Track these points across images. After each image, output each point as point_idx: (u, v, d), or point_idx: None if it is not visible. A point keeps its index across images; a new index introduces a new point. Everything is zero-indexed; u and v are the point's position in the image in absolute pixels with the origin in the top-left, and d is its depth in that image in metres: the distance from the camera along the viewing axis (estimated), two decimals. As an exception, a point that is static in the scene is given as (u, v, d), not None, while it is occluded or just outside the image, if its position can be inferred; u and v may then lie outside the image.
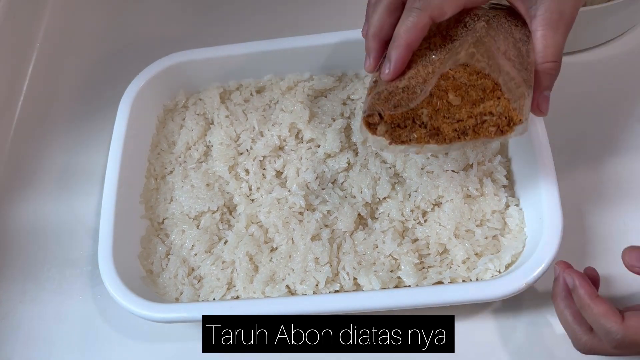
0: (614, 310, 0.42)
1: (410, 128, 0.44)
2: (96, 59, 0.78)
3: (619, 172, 0.58)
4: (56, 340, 0.58)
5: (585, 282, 0.44)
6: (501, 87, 0.42)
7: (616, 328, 0.41)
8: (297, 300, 0.51)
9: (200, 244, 0.57)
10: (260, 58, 0.63)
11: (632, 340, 0.41)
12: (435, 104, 0.44)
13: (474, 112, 0.43)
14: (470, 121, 0.43)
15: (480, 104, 0.43)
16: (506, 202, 0.53)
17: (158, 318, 0.51)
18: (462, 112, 0.43)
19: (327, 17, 0.75)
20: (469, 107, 0.43)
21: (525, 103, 0.43)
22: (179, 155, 0.63)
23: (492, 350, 0.52)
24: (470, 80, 0.43)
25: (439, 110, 0.44)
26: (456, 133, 0.44)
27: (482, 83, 0.43)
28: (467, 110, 0.43)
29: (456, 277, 0.51)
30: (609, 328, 0.42)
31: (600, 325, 0.42)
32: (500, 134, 0.43)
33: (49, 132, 0.72)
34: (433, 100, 0.44)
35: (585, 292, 0.43)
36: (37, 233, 0.64)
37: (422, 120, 0.44)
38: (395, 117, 0.44)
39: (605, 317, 0.42)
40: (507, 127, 0.42)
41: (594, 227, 0.55)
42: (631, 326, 0.41)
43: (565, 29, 0.44)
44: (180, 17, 0.80)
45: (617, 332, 0.41)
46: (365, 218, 0.56)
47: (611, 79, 0.63)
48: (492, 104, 0.42)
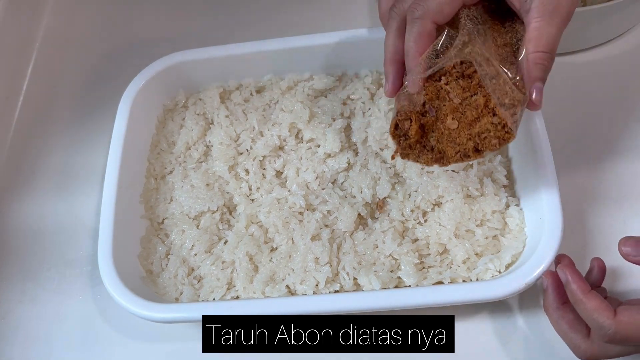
0: (607, 305, 0.43)
1: (419, 152, 0.46)
2: (96, 59, 0.78)
3: (619, 172, 0.58)
4: (56, 340, 0.58)
5: (578, 277, 0.45)
6: (492, 99, 0.43)
7: (608, 323, 0.42)
8: (297, 300, 0.51)
9: (200, 244, 0.57)
10: (260, 58, 0.63)
11: (623, 334, 0.42)
12: (440, 129, 0.45)
13: (472, 133, 0.44)
14: (470, 144, 0.45)
15: (477, 124, 0.44)
16: (506, 202, 0.53)
17: (158, 318, 0.51)
18: (461, 136, 0.45)
19: (327, 17, 0.75)
20: (467, 130, 0.44)
21: (520, 107, 0.43)
22: (178, 155, 0.63)
23: (492, 350, 0.52)
24: (465, 98, 0.44)
25: (443, 134, 0.45)
26: (459, 155, 0.45)
27: (475, 100, 0.44)
28: (465, 133, 0.44)
29: (456, 277, 0.51)
30: (601, 323, 0.42)
31: (593, 320, 0.43)
32: (503, 142, 0.44)
33: (49, 132, 0.72)
34: (438, 124, 0.45)
35: (578, 287, 0.44)
36: (37, 233, 0.64)
37: (430, 145, 0.46)
38: (410, 140, 0.46)
39: (598, 312, 0.42)
40: (507, 135, 0.43)
41: (594, 227, 0.55)
42: (623, 321, 0.42)
43: (560, 21, 0.43)
44: (180, 17, 0.80)
45: (609, 327, 0.42)
46: (365, 218, 0.56)
47: (611, 79, 0.63)
48: (487, 120, 0.44)
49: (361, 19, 0.74)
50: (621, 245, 0.44)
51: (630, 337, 0.42)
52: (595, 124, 0.61)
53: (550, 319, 0.47)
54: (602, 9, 0.58)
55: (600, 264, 0.49)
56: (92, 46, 0.79)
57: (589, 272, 0.49)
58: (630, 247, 0.44)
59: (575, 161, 0.59)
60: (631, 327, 0.41)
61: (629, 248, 0.44)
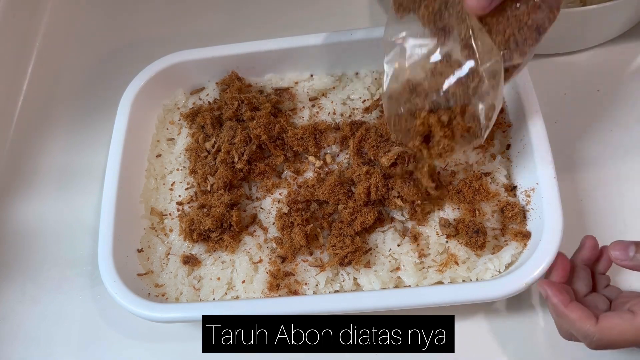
0: (588, 313, 0.44)
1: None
2: (96, 59, 0.78)
3: (619, 172, 0.58)
4: (56, 340, 0.58)
5: (557, 290, 0.45)
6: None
7: (592, 330, 0.43)
8: (297, 300, 0.51)
9: (200, 244, 0.57)
10: (261, 58, 0.63)
11: (608, 340, 0.43)
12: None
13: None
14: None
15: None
16: (506, 201, 0.53)
17: (158, 318, 0.51)
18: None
19: (327, 17, 0.75)
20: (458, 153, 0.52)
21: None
22: (178, 155, 0.63)
23: (492, 350, 0.52)
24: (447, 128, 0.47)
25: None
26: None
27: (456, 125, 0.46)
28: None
29: (456, 277, 0.51)
30: (586, 331, 0.43)
31: (578, 329, 0.44)
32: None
33: (49, 132, 0.72)
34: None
35: (559, 301, 0.45)
36: (37, 233, 0.64)
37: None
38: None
39: (581, 321, 0.43)
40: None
41: (594, 227, 0.55)
42: (605, 327, 0.43)
43: None
44: (180, 17, 0.80)
45: (593, 334, 0.43)
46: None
47: (611, 79, 0.63)
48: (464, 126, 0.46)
49: (361, 19, 0.74)
50: (610, 249, 0.46)
51: (614, 342, 0.43)
52: (595, 124, 0.61)
53: (563, 318, 0.47)
54: (601, 9, 0.58)
55: (591, 242, 0.49)
56: (92, 46, 0.79)
57: (579, 249, 0.50)
58: (618, 252, 0.45)
59: (575, 161, 0.59)
60: (613, 331, 0.42)
61: (618, 252, 0.45)
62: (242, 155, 0.58)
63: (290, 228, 0.54)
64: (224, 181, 0.57)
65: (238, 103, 0.60)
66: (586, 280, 0.48)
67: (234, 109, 0.60)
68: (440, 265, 0.52)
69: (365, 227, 0.52)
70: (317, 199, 0.55)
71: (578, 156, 0.59)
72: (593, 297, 0.48)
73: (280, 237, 0.55)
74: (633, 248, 0.44)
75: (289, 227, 0.54)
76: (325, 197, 0.54)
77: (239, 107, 0.61)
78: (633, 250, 0.44)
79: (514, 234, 0.51)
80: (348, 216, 0.52)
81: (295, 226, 0.53)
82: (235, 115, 0.60)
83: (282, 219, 0.54)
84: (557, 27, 0.61)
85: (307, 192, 0.55)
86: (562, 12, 0.59)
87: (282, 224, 0.54)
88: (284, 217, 0.54)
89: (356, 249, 0.51)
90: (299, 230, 0.52)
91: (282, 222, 0.54)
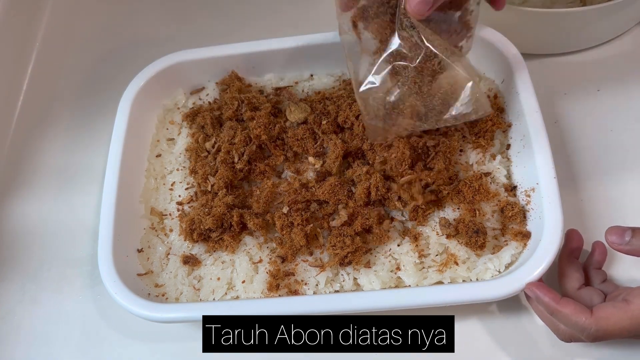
0: (581, 306, 0.44)
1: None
2: (96, 59, 0.78)
3: (619, 172, 0.58)
4: (56, 340, 0.58)
5: (546, 289, 0.45)
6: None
7: (588, 323, 0.43)
8: (297, 300, 0.51)
9: (200, 244, 0.57)
10: (260, 58, 0.63)
11: (605, 330, 0.43)
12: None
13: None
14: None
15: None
16: (506, 201, 0.53)
17: (158, 318, 0.51)
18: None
19: (327, 17, 0.75)
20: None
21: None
22: (178, 155, 0.63)
23: (492, 350, 0.52)
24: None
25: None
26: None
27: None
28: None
29: (456, 277, 0.51)
30: (582, 324, 0.43)
31: (573, 324, 0.43)
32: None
33: (49, 132, 0.72)
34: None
35: (550, 299, 0.45)
36: (37, 233, 0.64)
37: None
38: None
39: (575, 315, 0.43)
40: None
41: (594, 227, 0.55)
42: (601, 317, 0.43)
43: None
44: (180, 17, 0.80)
45: (590, 326, 0.43)
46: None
47: (611, 79, 0.63)
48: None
49: (361, 19, 0.74)
50: (607, 234, 0.46)
51: (611, 332, 0.43)
52: (595, 124, 0.61)
53: (551, 317, 0.47)
54: (601, 9, 0.58)
55: (602, 248, 0.50)
56: (92, 46, 0.79)
57: (591, 254, 0.51)
58: (615, 236, 0.46)
59: (575, 161, 0.59)
60: (609, 321, 0.42)
61: (614, 237, 0.46)
62: (242, 155, 0.58)
63: (290, 228, 0.54)
64: (224, 181, 0.57)
65: (238, 103, 0.61)
66: (577, 274, 0.49)
67: (234, 109, 0.60)
68: (440, 265, 0.52)
69: (366, 227, 0.52)
70: (317, 199, 0.55)
71: (578, 156, 0.59)
72: (587, 291, 0.48)
73: (280, 237, 0.55)
74: (629, 233, 0.45)
75: (288, 227, 0.54)
76: (325, 197, 0.54)
77: (239, 107, 0.61)
78: (629, 235, 0.45)
79: (514, 234, 0.51)
80: (347, 217, 0.53)
81: (295, 226, 0.53)
82: (235, 115, 0.61)
83: (282, 219, 0.54)
84: (557, 27, 0.62)
85: (307, 192, 0.55)
86: (562, 12, 0.59)
87: (282, 224, 0.54)
88: (283, 217, 0.54)
89: (356, 249, 0.51)
90: (299, 230, 0.52)
91: (282, 222, 0.54)
